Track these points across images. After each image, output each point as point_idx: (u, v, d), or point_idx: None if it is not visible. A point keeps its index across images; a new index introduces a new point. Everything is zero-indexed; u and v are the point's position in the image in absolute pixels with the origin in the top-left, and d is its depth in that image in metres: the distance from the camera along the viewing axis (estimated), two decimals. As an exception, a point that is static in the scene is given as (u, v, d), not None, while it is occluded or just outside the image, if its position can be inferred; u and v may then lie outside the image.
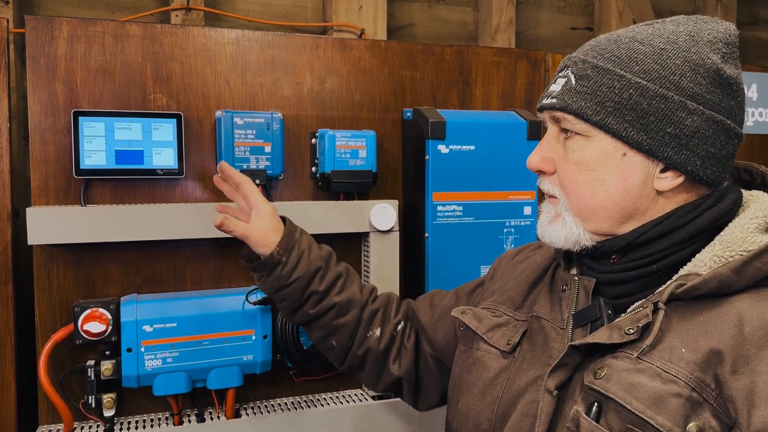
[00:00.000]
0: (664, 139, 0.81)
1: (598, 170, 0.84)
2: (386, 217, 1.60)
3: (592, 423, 0.77)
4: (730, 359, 0.74)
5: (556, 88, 0.88)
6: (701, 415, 0.72)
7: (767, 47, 3.06)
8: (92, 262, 1.48)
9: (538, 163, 0.91)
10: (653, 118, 0.81)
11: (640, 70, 0.82)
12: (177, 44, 1.51)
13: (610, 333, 0.81)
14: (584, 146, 0.85)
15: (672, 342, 0.78)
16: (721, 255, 0.81)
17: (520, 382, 0.91)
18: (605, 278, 0.89)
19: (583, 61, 0.86)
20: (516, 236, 1.67)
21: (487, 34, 2.54)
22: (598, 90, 0.83)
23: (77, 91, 1.45)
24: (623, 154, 0.83)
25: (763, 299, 0.77)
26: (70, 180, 1.45)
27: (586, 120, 0.83)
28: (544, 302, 0.97)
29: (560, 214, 0.90)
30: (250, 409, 1.56)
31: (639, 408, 0.74)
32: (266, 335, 1.50)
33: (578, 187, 0.86)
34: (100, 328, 1.40)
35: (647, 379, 0.75)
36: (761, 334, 0.74)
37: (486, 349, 0.99)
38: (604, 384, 0.78)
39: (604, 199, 0.85)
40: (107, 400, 1.43)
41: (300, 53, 1.60)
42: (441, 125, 1.58)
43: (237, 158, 1.49)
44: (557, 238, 0.90)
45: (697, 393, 0.73)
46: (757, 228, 0.83)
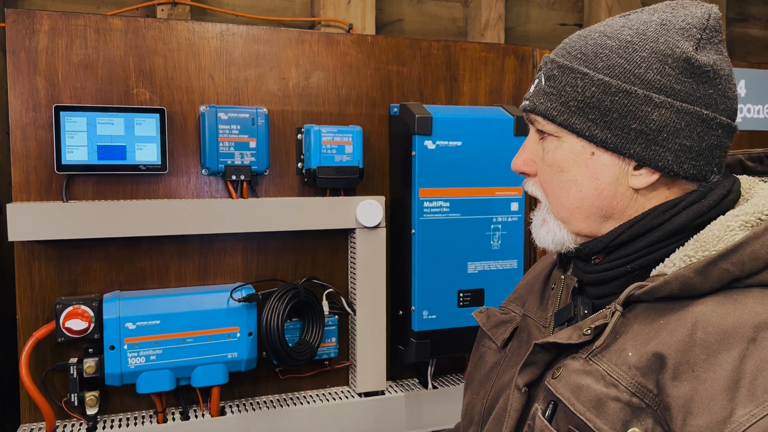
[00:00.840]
0: (630, 135, 0.78)
1: (569, 171, 0.83)
2: (373, 214, 1.58)
3: (544, 422, 0.78)
4: (672, 364, 0.69)
5: (531, 89, 0.88)
6: (643, 421, 0.70)
7: (757, 43, 3.06)
8: (74, 259, 1.46)
9: (521, 165, 0.90)
10: (616, 114, 0.78)
11: (604, 66, 0.79)
12: (160, 38, 1.49)
13: (572, 333, 0.80)
14: (556, 147, 0.84)
15: (624, 344, 0.75)
16: (692, 255, 0.76)
17: (505, 377, 0.92)
18: (587, 278, 0.88)
19: (552, 60, 0.85)
20: (503, 232, 1.66)
21: (476, 30, 2.53)
22: (563, 90, 0.82)
23: (59, 86, 1.43)
24: (591, 153, 0.81)
25: (728, 303, 0.71)
26: (52, 176, 1.43)
27: (552, 121, 0.83)
28: (535, 300, 0.98)
29: (545, 219, 0.89)
30: (235, 407, 1.55)
31: (580, 410, 0.74)
32: (251, 332, 1.49)
33: (554, 189, 0.86)
34: (83, 326, 1.38)
35: (592, 382, 0.75)
36: (715, 339, 0.68)
37: (488, 345, 1.01)
38: (555, 384, 0.78)
39: (578, 199, 0.84)
40: (90, 398, 1.42)
41: (285, 48, 1.59)
42: (427, 121, 1.57)
43: (221, 154, 1.48)
44: (546, 242, 0.89)
45: (637, 398, 0.71)
46: (741, 226, 0.76)
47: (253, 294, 1.49)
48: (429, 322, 1.61)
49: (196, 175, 1.52)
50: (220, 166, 1.48)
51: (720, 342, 0.68)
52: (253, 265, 1.60)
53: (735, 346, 0.67)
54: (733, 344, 0.67)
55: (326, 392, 1.66)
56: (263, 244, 1.60)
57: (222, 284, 1.56)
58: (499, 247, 1.66)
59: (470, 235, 1.64)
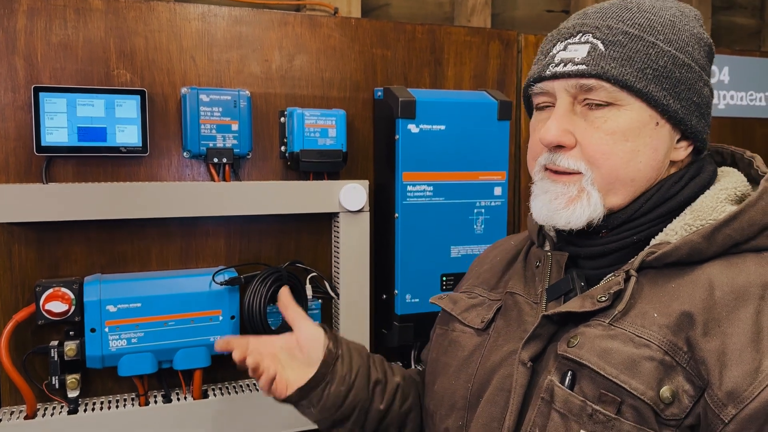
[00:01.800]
0: (691, 107, 0.82)
1: (633, 140, 0.81)
2: (356, 198, 1.58)
3: (566, 391, 0.77)
4: (701, 322, 0.74)
5: (577, 54, 0.81)
6: (674, 379, 0.73)
7: (742, 32, 3.07)
8: (55, 242, 1.45)
9: (561, 136, 0.82)
10: (684, 86, 0.81)
11: (665, 39, 0.81)
12: (141, 19, 1.47)
13: (583, 302, 0.81)
14: (616, 115, 0.81)
15: (644, 308, 0.78)
16: (691, 223, 0.81)
17: (494, 357, 0.90)
18: (587, 252, 0.88)
19: (608, 26, 0.82)
20: (486, 217, 1.67)
21: (462, 16, 2.52)
22: (635, 56, 0.80)
23: (38, 67, 1.41)
24: (656, 123, 0.82)
25: (733, 265, 0.78)
26: (32, 157, 1.41)
27: (627, 87, 0.80)
28: (519, 279, 0.96)
29: (584, 190, 0.83)
30: (218, 390, 1.55)
31: (612, 373, 0.74)
32: (233, 316, 1.49)
33: (613, 159, 0.81)
34: (63, 308, 1.37)
35: (620, 345, 0.76)
36: (731, 298, 0.75)
37: (461, 330, 0.99)
38: (577, 351, 0.78)
39: (636, 170, 0.82)
40: (71, 381, 1.41)
41: (268, 30, 1.58)
42: (411, 104, 1.57)
43: (203, 136, 1.47)
44: (578, 220, 0.83)
45: (669, 356, 0.74)
46: (726, 198, 0.83)
47: (235, 277, 1.49)
48: (412, 306, 1.62)
49: (178, 158, 1.51)
50: (202, 149, 1.47)
51: (736, 300, 0.75)
52: (235, 248, 1.60)
53: (750, 303, 0.74)
54: (747, 302, 0.74)
55: (309, 376, 1.66)
56: (246, 228, 1.60)
57: (204, 268, 1.56)
58: (482, 231, 1.67)
59: (453, 220, 1.64)
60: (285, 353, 1.00)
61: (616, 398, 0.74)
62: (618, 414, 0.73)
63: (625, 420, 0.73)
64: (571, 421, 0.76)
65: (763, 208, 0.80)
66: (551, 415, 0.78)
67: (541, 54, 0.90)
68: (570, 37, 0.84)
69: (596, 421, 0.74)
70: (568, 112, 0.83)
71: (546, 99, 0.87)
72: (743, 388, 0.70)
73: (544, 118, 0.88)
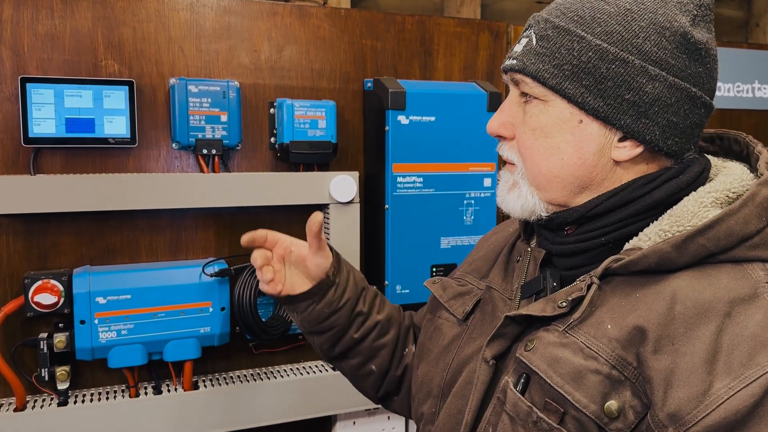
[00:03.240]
0: (622, 106, 0.76)
1: (553, 137, 0.80)
2: (346, 189, 1.58)
3: (517, 395, 0.76)
4: (653, 338, 0.70)
5: (518, 48, 0.83)
6: (622, 394, 0.71)
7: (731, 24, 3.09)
8: (43, 234, 1.44)
9: (498, 127, 0.86)
10: (611, 83, 0.76)
11: (602, 31, 0.76)
12: (129, 9, 1.46)
13: (545, 305, 0.79)
14: (541, 111, 0.80)
15: (601, 317, 0.75)
16: (667, 230, 0.76)
17: (468, 350, 0.90)
18: (557, 250, 0.86)
19: (545, 20, 0.81)
20: (476, 208, 1.68)
21: (452, 7, 2.51)
22: (557, 52, 0.78)
23: (24, 57, 1.40)
24: (579, 120, 0.79)
25: (704, 277, 0.72)
26: (19, 149, 1.40)
27: (542, 83, 0.79)
28: (499, 273, 0.95)
29: (517, 183, 0.85)
30: (209, 381, 1.55)
31: (558, 383, 0.73)
32: (224, 307, 1.49)
33: (533, 154, 0.82)
34: (52, 300, 1.37)
35: (570, 354, 0.74)
36: (693, 314, 0.70)
37: (446, 317, 0.98)
38: (530, 356, 0.77)
39: (559, 167, 0.81)
40: (61, 372, 1.41)
41: (257, 20, 1.57)
42: (401, 95, 1.57)
43: (192, 127, 1.46)
44: (514, 207, 0.86)
45: (617, 371, 0.71)
46: (713, 202, 0.77)
47: (225, 269, 1.49)
48: (402, 297, 1.62)
49: (167, 149, 1.51)
50: (191, 140, 1.47)
51: (698, 316, 0.69)
52: (225, 240, 1.59)
53: (712, 321, 0.69)
54: (710, 318, 0.69)
55: (300, 366, 1.66)
56: (236, 220, 1.60)
57: (194, 259, 1.56)
58: (471, 222, 1.67)
59: (443, 211, 1.65)
60: (294, 257, 1.09)
61: (559, 408, 0.72)
62: (560, 424, 0.72)
63: (567, 431, 0.71)
64: (518, 425, 0.75)
65: (745, 217, 0.73)
66: (502, 417, 0.78)
67: None
68: (525, 30, 0.85)
69: (540, 428, 0.73)
70: (514, 104, 0.85)
71: None
72: (686, 411, 0.66)
73: None
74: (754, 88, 2.25)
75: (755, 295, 0.70)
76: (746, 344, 0.66)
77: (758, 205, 0.74)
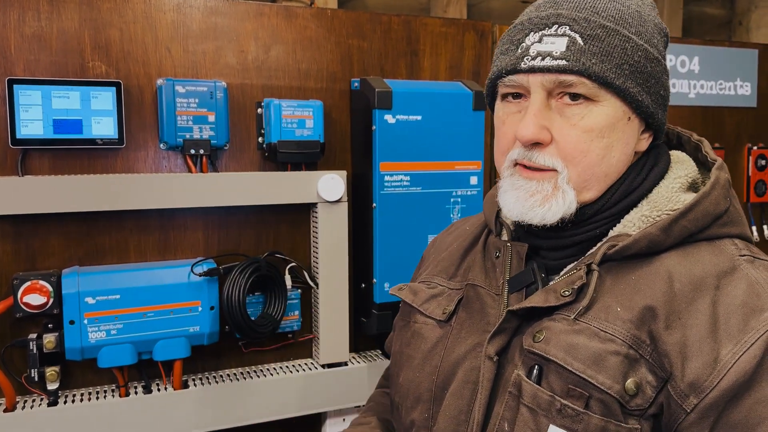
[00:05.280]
0: (659, 101, 0.83)
1: (609, 136, 0.80)
2: (334, 188, 1.60)
3: (534, 386, 0.77)
4: (663, 315, 0.76)
5: (555, 48, 0.79)
6: (638, 371, 0.74)
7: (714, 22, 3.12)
8: (32, 235, 1.45)
9: (539, 133, 0.80)
10: (654, 81, 0.82)
11: (636, 31, 0.81)
12: (116, 10, 1.47)
13: (546, 296, 0.81)
14: (592, 111, 0.80)
15: (607, 302, 0.78)
16: (648, 215, 0.83)
17: (459, 350, 0.90)
18: (549, 244, 0.88)
19: (585, 19, 0.79)
20: (462, 206, 1.69)
21: (439, 7, 2.53)
22: (613, 52, 0.78)
23: (11, 59, 1.40)
24: (628, 118, 0.82)
25: (689, 255, 0.79)
26: (6, 150, 1.41)
27: (606, 84, 0.78)
28: (479, 270, 0.95)
29: (559, 188, 0.81)
30: (198, 380, 1.56)
31: (579, 368, 0.75)
32: (213, 306, 1.50)
33: (589, 157, 0.80)
34: (41, 301, 1.37)
35: (585, 340, 0.76)
36: (690, 289, 0.76)
37: (423, 321, 0.98)
38: (543, 347, 0.78)
39: (609, 165, 0.82)
40: (50, 373, 1.41)
41: (244, 21, 1.58)
42: (387, 95, 1.58)
43: (180, 128, 1.47)
44: (553, 217, 0.82)
45: (633, 350, 0.75)
46: (680, 187, 0.85)
47: (214, 268, 1.50)
48: (390, 294, 1.64)
49: (155, 150, 1.52)
50: (179, 140, 1.47)
51: (694, 291, 0.76)
52: (214, 240, 1.60)
53: (706, 294, 0.76)
54: (704, 292, 0.76)
55: (289, 365, 1.68)
56: (224, 219, 1.61)
57: (183, 259, 1.56)
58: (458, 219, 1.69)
59: (430, 209, 1.66)
60: None
61: (584, 393, 0.74)
62: (586, 408, 0.74)
63: (593, 414, 0.74)
64: (540, 415, 0.76)
65: (716, 199, 0.81)
66: (520, 410, 0.78)
67: (510, 44, 0.84)
68: (545, 28, 0.80)
69: (565, 415, 0.75)
70: (543, 106, 0.81)
71: (516, 91, 0.84)
72: (703, 379, 0.72)
73: (513, 110, 0.85)
74: (736, 86, 2.29)
75: (734, 267, 0.78)
76: (739, 312, 0.74)
77: (722, 188, 0.83)
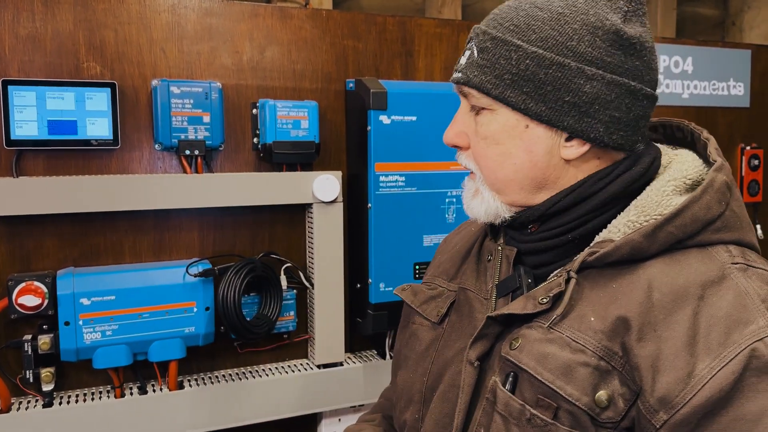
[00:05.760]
0: (563, 108, 0.79)
1: (504, 143, 0.83)
2: (329, 188, 1.60)
3: (507, 394, 0.78)
4: (636, 326, 0.73)
5: (463, 61, 0.86)
6: (610, 383, 0.73)
7: (708, 23, 3.14)
8: (27, 236, 1.45)
9: (454, 138, 0.89)
10: (551, 87, 0.79)
11: (537, 38, 0.79)
12: (110, 11, 1.47)
13: (525, 303, 0.81)
14: (490, 120, 0.84)
15: (583, 311, 0.77)
16: (635, 220, 0.80)
17: (448, 353, 0.91)
18: (525, 247, 0.89)
19: (484, 32, 0.84)
20: (458, 206, 1.70)
21: (433, 7, 2.54)
22: (497, 62, 0.81)
23: (5, 59, 1.40)
24: (525, 126, 0.82)
25: (675, 263, 0.76)
26: (1, 151, 1.41)
27: (486, 94, 0.82)
28: (471, 273, 0.97)
29: (478, 189, 0.89)
30: (194, 381, 1.56)
31: (549, 378, 0.74)
32: (208, 307, 1.50)
33: (488, 162, 0.86)
34: (36, 302, 1.37)
35: (557, 349, 0.76)
36: (670, 299, 0.73)
37: (420, 322, 0.99)
38: (517, 354, 0.78)
39: (513, 171, 0.84)
40: (45, 374, 1.41)
41: (238, 22, 1.58)
42: (382, 96, 1.59)
43: (174, 128, 1.47)
44: (478, 212, 0.90)
45: (605, 362, 0.74)
46: (674, 190, 0.81)
47: (209, 269, 1.50)
48: (386, 295, 1.64)
49: (150, 150, 1.52)
50: (174, 141, 1.47)
51: (674, 302, 0.73)
52: (209, 240, 1.60)
53: (688, 304, 0.73)
54: (686, 302, 0.73)
55: (285, 365, 1.68)
56: (220, 220, 1.61)
57: (178, 260, 1.56)
58: (453, 220, 1.70)
59: (425, 209, 1.67)
60: None
61: (552, 403, 0.74)
62: (555, 419, 0.74)
63: (562, 425, 0.73)
64: (512, 424, 0.76)
65: (707, 203, 0.78)
66: (494, 417, 0.79)
67: None
68: (468, 42, 0.87)
69: (534, 425, 0.74)
70: (466, 114, 0.88)
71: None
72: (674, 394, 0.69)
73: None
74: (729, 86, 2.30)
75: (723, 276, 0.75)
76: (721, 324, 0.71)
77: (717, 191, 0.78)
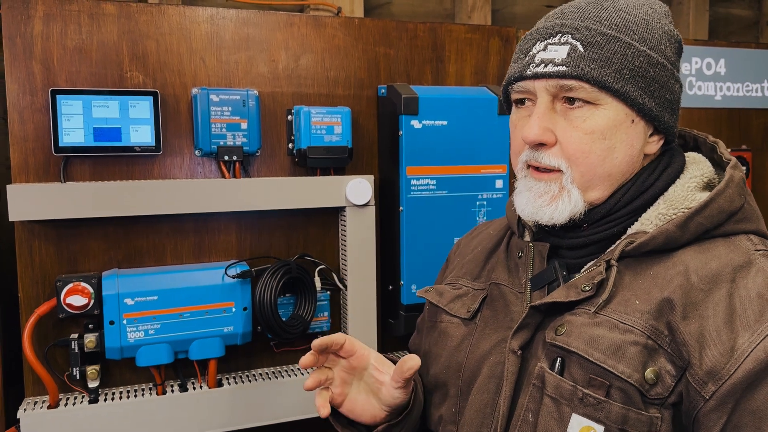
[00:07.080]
0: (664, 104, 0.87)
1: (610, 138, 0.85)
2: (362, 192, 1.63)
3: (557, 377, 0.81)
4: (680, 306, 0.79)
5: (557, 55, 0.84)
6: (657, 361, 0.78)
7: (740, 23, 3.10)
8: (73, 238, 1.51)
9: (542, 135, 0.85)
10: (657, 85, 0.85)
11: (640, 38, 0.85)
12: (152, 23, 1.53)
13: (568, 291, 0.85)
14: (594, 114, 0.84)
15: (626, 295, 0.82)
16: (665, 213, 0.86)
17: (483, 346, 0.94)
18: (568, 243, 0.91)
19: (586, 28, 0.84)
20: (488, 209, 1.72)
21: (463, 12, 2.56)
22: (613, 57, 0.83)
23: (54, 70, 1.47)
24: (632, 121, 0.86)
25: (705, 251, 0.83)
26: (50, 158, 1.47)
27: (604, 88, 0.83)
28: (502, 269, 0.99)
29: (564, 188, 0.87)
30: (232, 379, 1.61)
31: (600, 358, 0.79)
32: (246, 307, 1.54)
33: (590, 157, 0.85)
34: (83, 302, 1.43)
35: (605, 331, 0.80)
36: (706, 282, 0.80)
37: (448, 320, 1.02)
38: (565, 339, 0.82)
39: (612, 166, 0.86)
40: (91, 371, 1.47)
41: (274, 31, 1.63)
42: (414, 101, 1.62)
43: (214, 135, 1.52)
44: (561, 216, 0.87)
45: (652, 340, 0.78)
46: (696, 186, 0.89)
47: (247, 270, 1.55)
48: (417, 296, 1.67)
49: (190, 156, 1.57)
50: (213, 147, 1.53)
51: (711, 284, 0.80)
52: (246, 243, 1.65)
53: (722, 286, 0.80)
54: (720, 285, 0.80)
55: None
56: (256, 223, 1.66)
57: (217, 262, 1.61)
58: (484, 223, 1.72)
59: (456, 212, 1.69)
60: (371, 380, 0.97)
61: (604, 382, 0.78)
62: (607, 396, 0.78)
63: (614, 402, 0.77)
64: (563, 404, 0.80)
65: (730, 196, 0.85)
66: (543, 400, 0.82)
67: (520, 52, 0.91)
68: (549, 38, 0.86)
69: (587, 404, 0.79)
70: (548, 110, 0.86)
71: (525, 96, 0.90)
72: (721, 366, 0.75)
73: (524, 114, 0.90)
74: (763, 87, 2.28)
75: (750, 261, 0.82)
76: (755, 303, 0.78)
77: (737, 185, 0.86)
